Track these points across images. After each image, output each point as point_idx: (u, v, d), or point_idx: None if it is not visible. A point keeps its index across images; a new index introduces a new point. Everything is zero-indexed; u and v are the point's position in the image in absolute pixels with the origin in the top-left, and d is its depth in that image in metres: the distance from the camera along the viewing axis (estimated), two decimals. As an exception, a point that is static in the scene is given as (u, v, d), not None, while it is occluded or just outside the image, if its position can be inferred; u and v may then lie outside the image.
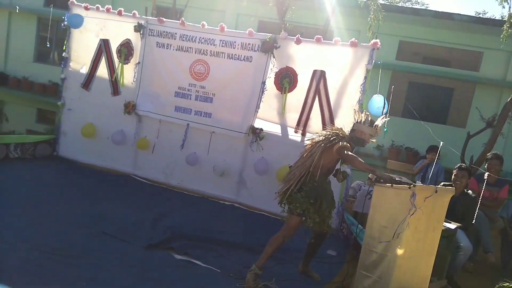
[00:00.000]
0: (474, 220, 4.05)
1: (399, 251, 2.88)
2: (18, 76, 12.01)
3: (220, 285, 3.43)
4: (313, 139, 3.68)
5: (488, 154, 5.75)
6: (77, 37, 6.68)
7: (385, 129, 5.10)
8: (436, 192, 2.93)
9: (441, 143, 3.97)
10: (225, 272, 3.71)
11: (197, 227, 4.73)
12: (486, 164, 5.30)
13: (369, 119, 3.62)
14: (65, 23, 6.58)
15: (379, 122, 3.67)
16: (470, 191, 4.67)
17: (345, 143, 3.42)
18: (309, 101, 5.56)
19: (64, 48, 6.77)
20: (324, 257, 4.55)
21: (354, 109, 3.95)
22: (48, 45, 8.41)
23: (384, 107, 4.76)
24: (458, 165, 4.95)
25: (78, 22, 6.35)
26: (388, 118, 3.97)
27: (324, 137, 3.56)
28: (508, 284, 2.72)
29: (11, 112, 12.22)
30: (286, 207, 3.55)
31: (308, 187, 3.44)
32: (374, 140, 3.70)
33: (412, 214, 2.83)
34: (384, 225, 3.04)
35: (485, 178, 3.83)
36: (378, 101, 4.93)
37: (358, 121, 3.63)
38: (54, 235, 3.86)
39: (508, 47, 8.59)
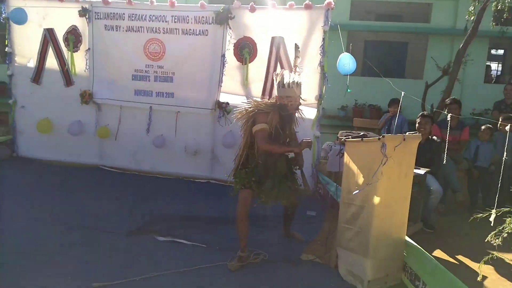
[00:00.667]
0: (441, 164, 4.27)
1: (376, 200, 2.98)
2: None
3: (208, 259, 3.45)
4: (240, 112, 3.52)
5: (446, 100, 5.99)
6: (19, 29, 6.24)
7: (348, 90, 5.23)
8: (404, 140, 3.02)
9: (402, 93, 4.09)
10: (211, 246, 3.73)
11: (176, 208, 4.70)
12: (446, 110, 5.53)
13: (284, 80, 3.35)
14: (4, 15, 6.15)
15: (292, 78, 3.37)
16: (435, 137, 4.87)
17: (262, 126, 3.29)
18: (271, 68, 5.52)
19: (6, 43, 6.33)
20: (304, 218, 4.67)
21: (274, 73, 3.56)
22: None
23: (351, 64, 4.82)
24: (421, 113, 5.14)
25: (22, 17, 5.92)
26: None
27: (246, 113, 3.45)
28: (480, 215, 2.88)
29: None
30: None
31: (252, 165, 3.41)
32: (303, 100, 3.57)
33: (384, 163, 2.92)
34: (359, 178, 3.12)
35: (448, 120, 3.98)
36: (345, 58, 4.96)
37: (277, 85, 3.45)
38: (29, 235, 3.72)
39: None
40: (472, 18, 7.12)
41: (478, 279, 2.94)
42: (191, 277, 3.14)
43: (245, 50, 5.52)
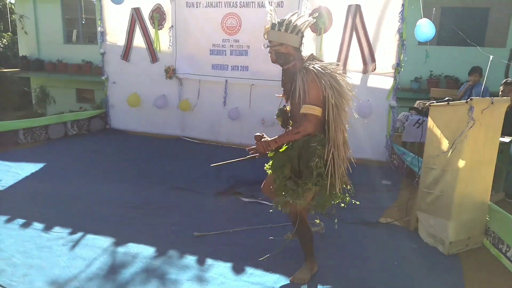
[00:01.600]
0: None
1: (461, 164, 3.02)
2: (53, 60, 12.44)
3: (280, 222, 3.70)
4: None
5: None
6: (109, 9, 6.84)
7: (427, 56, 5.12)
8: (492, 103, 3.00)
9: (491, 57, 3.94)
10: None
11: (256, 175, 5.02)
12: None
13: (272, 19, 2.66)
14: (95, -3, 6.78)
15: (278, 18, 2.67)
16: (520, 105, 4.65)
17: None
18: (347, 38, 5.54)
19: (99, 23, 6.97)
20: (380, 186, 4.76)
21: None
22: (83, 22, 8.49)
23: (430, 30, 4.71)
24: (504, 80, 4.91)
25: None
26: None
27: None
28: None
29: (52, 95, 12.77)
30: None
31: None
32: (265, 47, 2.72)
33: (471, 127, 2.93)
34: (442, 142, 3.16)
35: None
36: (424, 25, 4.86)
37: None
38: (136, 194, 4.27)
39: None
40: None
41: None
42: (278, 231, 3.43)
43: (320, 20, 5.58)
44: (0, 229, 3.37)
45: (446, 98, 3.60)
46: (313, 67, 2.52)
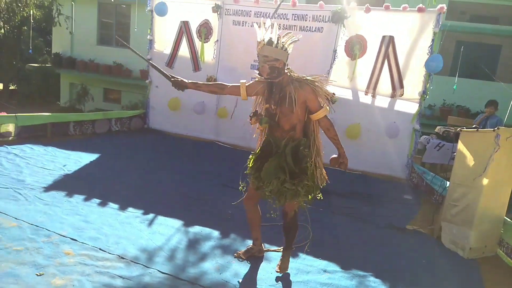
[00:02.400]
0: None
1: (485, 182, 3.57)
2: (85, 59, 13.08)
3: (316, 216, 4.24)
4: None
5: None
6: (159, 20, 7.46)
7: (455, 87, 5.73)
8: (515, 132, 3.57)
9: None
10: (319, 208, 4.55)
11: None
12: None
13: (257, 34, 2.87)
14: (149, 8, 7.41)
15: (268, 35, 2.81)
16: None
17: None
18: (378, 65, 6.15)
19: (149, 32, 7.60)
20: (402, 201, 5.31)
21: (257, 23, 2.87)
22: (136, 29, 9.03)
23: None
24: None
25: (163, 10, 7.10)
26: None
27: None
28: None
29: (67, 92, 13.33)
30: None
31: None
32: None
33: (496, 151, 3.50)
34: (471, 163, 3.72)
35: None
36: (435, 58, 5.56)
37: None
38: (188, 187, 4.82)
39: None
40: None
41: None
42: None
43: (356, 47, 6.19)
44: (82, 206, 3.91)
45: (474, 126, 4.18)
46: (306, 79, 2.89)
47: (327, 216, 4.39)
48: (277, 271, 3.03)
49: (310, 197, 2.89)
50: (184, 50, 7.40)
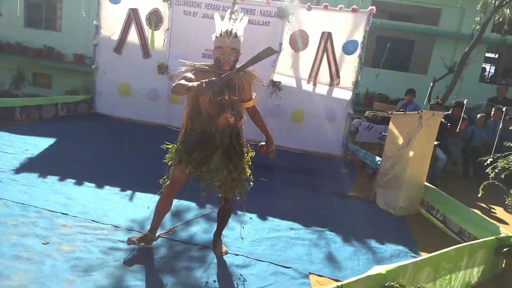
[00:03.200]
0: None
1: (411, 154, 4.47)
2: (11, 42, 12.26)
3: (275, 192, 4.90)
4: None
5: (452, 102, 7.45)
6: (107, 6, 7.48)
7: (377, 77, 6.69)
8: (433, 115, 4.50)
9: (431, 84, 5.49)
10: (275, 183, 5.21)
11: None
12: (451, 110, 6.94)
13: (216, 28, 2.87)
14: (95, -7, 7.40)
15: (226, 26, 2.83)
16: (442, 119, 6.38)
17: (186, 74, 2.78)
18: (319, 57, 6.93)
19: (96, 17, 7.57)
20: (341, 174, 6.17)
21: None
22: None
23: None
24: (431, 102, 6.63)
25: (117, -2, 7.16)
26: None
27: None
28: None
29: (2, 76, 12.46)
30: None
31: (184, 137, 2.97)
32: (234, 54, 2.86)
33: (419, 129, 4.39)
34: (399, 139, 4.60)
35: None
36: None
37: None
38: (144, 164, 5.13)
39: (463, 4, 10.30)
40: (477, 27, 8.59)
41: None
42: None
43: (299, 41, 6.89)
44: (59, 186, 4.10)
45: (401, 110, 5.08)
46: (248, 69, 2.88)
47: (280, 188, 5.05)
48: (219, 255, 3.10)
49: (251, 183, 3.03)
50: (133, 37, 7.53)
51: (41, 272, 2.61)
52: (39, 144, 5.44)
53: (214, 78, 2.57)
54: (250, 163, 3.11)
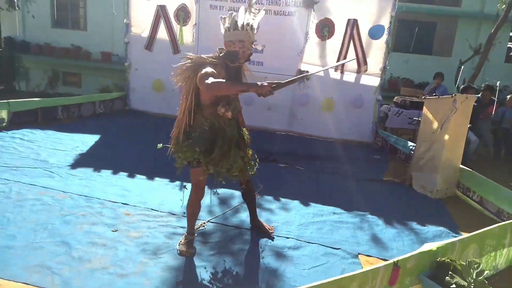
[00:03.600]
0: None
1: (446, 137, 4.58)
2: (40, 43, 12.66)
3: (313, 177, 5.09)
4: (180, 69, 2.90)
5: (482, 85, 7.43)
6: (136, 5, 7.72)
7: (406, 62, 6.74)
8: (466, 98, 4.58)
9: (462, 67, 5.56)
10: (314, 170, 5.40)
11: (279, 148, 6.35)
12: (481, 94, 6.95)
13: (235, 20, 2.77)
14: (126, -8, 7.64)
15: (246, 19, 2.77)
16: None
17: (206, 69, 2.64)
18: (345, 44, 7.02)
19: (125, 16, 7.82)
20: (373, 160, 6.30)
21: (220, 17, 2.90)
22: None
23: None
24: (463, 86, 6.66)
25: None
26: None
27: (187, 69, 2.82)
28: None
29: (37, 77, 12.92)
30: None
31: (198, 133, 2.84)
32: (258, 47, 2.97)
33: (454, 113, 4.49)
34: (434, 123, 4.71)
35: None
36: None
37: (224, 29, 2.83)
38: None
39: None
40: (503, 7, 8.49)
41: None
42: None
43: (325, 29, 6.99)
44: (114, 179, 4.39)
45: (434, 94, 5.17)
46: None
47: (317, 175, 5.23)
48: (271, 233, 3.39)
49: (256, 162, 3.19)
50: (162, 33, 7.75)
51: (117, 256, 2.89)
52: (85, 140, 5.75)
53: (281, 82, 2.62)
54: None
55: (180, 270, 2.82)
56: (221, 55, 2.82)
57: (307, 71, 7.16)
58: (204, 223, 3.53)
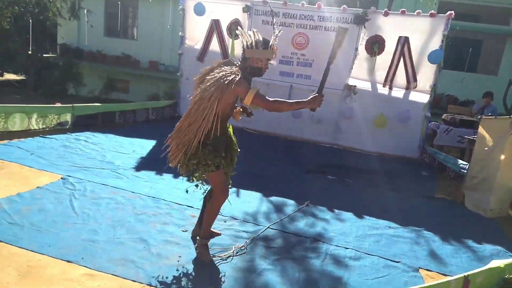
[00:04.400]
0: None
1: (502, 157, 4.57)
2: (93, 50, 13.39)
3: (364, 189, 5.17)
4: (202, 83, 2.99)
5: None
6: (191, 19, 8.10)
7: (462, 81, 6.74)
8: (524, 119, 4.57)
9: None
10: (359, 184, 5.48)
11: (325, 159, 6.47)
12: None
13: (261, 39, 2.93)
14: (180, 7, 8.04)
15: (272, 40, 2.97)
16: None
17: (255, 88, 2.79)
18: (395, 61, 7.09)
19: (180, 29, 8.22)
20: (421, 176, 6.30)
21: (238, 31, 3.05)
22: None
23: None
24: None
25: (201, 10, 7.78)
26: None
27: (216, 82, 2.82)
28: None
29: (91, 83, 13.59)
30: (190, 170, 3.09)
31: (213, 140, 2.93)
32: (272, 63, 3.08)
33: (510, 134, 4.48)
34: (490, 143, 4.71)
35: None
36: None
37: (249, 46, 2.90)
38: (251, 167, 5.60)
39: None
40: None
41: None
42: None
43: (375, 45, 7.10)
44: (176, 182, 4.63)
45: (490, 114, 5.16)
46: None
47: (366, 189, 5.32)
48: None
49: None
50: (214, 46, 8.08)
51: (191, 254, 3.10)
52: (143, 145, 6.09)
53: (317, 89, 3.05)
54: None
55: (249, 271, 2.99)
56: (247, 70, 2.93)
57: (355, 86, 7.32)
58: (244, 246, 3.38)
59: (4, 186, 3.90)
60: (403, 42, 7.00)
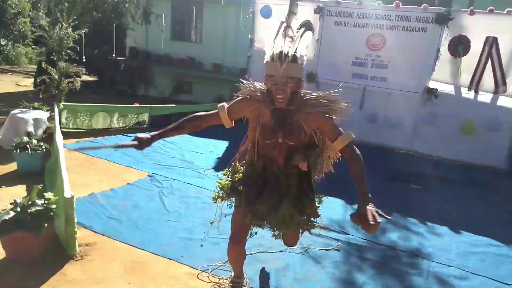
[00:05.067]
0: None
1: None
2: (159, 53, 13.83)
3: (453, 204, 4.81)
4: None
5: None
6: (260, 21, 8.07)
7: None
8: None
9: None
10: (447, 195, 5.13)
11: (411, 167, 6.15)
12: None
13: (269, 51, 2.23)
14: (251, 10, 8.05)
15: (281, 47, 2.18)
16: None
17: (221, 105, 2.42)
18: (482, 64, 6.57)
19: (250, 31, 8.24)
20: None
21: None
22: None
23: None
24: None
25: (268, 13, 7.76)
26: None
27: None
28: None
29: (160, 84, 13.98)
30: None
31: (245, 169, 2.55)
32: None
33: None
34: None
35: None
36: None
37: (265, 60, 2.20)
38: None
39: None
40: None
41: None
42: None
43: (460, 46, 6.63)
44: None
45: None
46: (315, 99, 2.22)
47: (458, 201, 4.93)
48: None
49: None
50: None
51: (287, 260, 2.99)
52: (218, 145, 6.13)
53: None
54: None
55: (346, 282, 2.84)
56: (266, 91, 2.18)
57: (436, 89, 6.90)
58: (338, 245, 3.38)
59: (98, 181, 4.04)
60: (491, 42, 6.47)
